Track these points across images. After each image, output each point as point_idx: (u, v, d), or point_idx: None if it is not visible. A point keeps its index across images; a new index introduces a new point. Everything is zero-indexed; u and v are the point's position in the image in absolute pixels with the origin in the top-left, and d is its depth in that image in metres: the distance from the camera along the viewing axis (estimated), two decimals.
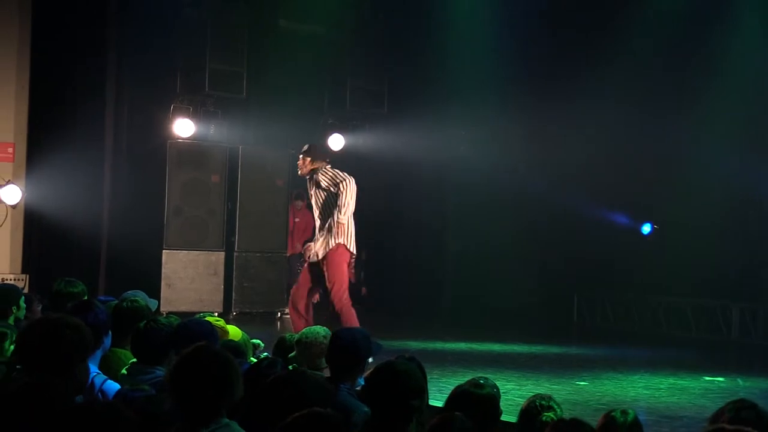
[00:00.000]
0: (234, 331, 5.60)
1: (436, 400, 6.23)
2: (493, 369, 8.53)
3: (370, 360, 5.27)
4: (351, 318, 9.49)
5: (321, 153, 10.25)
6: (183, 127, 14.75)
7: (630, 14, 14.53)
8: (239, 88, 15.11)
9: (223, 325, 5.47)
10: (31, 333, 4.05)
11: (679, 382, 9.53)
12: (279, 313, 15.25)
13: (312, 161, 9.97)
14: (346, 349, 5.00)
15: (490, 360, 8.72)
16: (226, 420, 3.62)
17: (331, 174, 9.89)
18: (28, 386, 3.45)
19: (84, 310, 5.24)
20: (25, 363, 4.02)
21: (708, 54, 14.03)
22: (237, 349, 5.32)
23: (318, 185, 9.93)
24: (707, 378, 9.82)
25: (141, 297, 6.14)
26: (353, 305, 17.26)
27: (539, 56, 15.57)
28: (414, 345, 11.63)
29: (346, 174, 9.92)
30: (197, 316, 6.13)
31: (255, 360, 5.31)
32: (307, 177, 10.07)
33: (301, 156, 10.09)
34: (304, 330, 5.48)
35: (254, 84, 15.27)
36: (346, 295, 9.79)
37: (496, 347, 12.04)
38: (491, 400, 4.27)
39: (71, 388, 3.85)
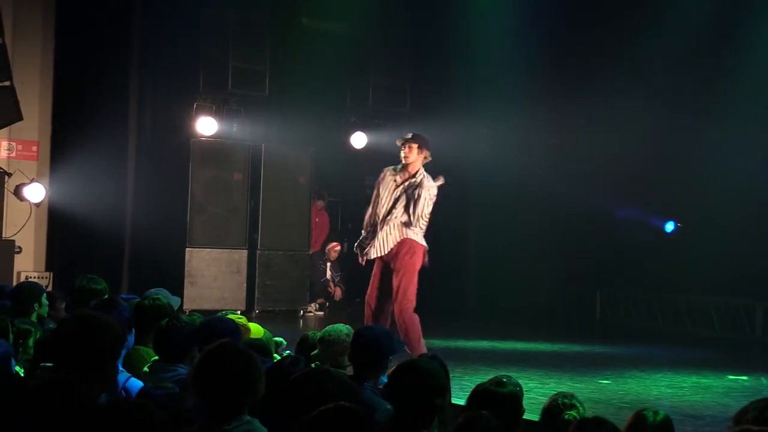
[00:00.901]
0: (256, 329, 5.61)
1: (459, 399, 6.23)
2: (516, 367, 8.52)
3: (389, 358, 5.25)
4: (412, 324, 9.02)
5: (427, 143, 9.44)
6: (206, 125, 14.80)
7: (655, 12, 14.45)
8: (262, 86, 15.15)
9: (245, 322, 5.48)
10: (65, 330, 4.03)
11: (702, 380, 9.47)
12: (302, 311, 15.29)
13: (419, 149, 9.29)
14: (368, 347, 5.00)
15: (513, 358, 8.70)
16: (248, 417, 3.63)
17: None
18: (56, 383, 3.46)
19: (108, 307, 5.27)
20: (57, 360, 4.01)
21: (732, 53, 13.94)
22: (262, 348, 5.34)
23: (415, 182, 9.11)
24: (731, 377, 9.76)
25: (163, 295, 6.16)
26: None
27: (562, 53, 15.52)
28: (437, 343, 11.60)
29: None
30: (220, 314, 6.15)
31: (278, 358, 5.32)
32: (402, 168, 9.27)
33: (406, 143, 9.32)
34: (326, 328, 5.49)
35: (276, 82, 15.31)
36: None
37: (519, 345, 12.01)
38: (513, 398, 4.26)
39: (100, 386, 3.86)
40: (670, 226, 15.87)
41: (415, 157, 9.25)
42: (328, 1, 15.78)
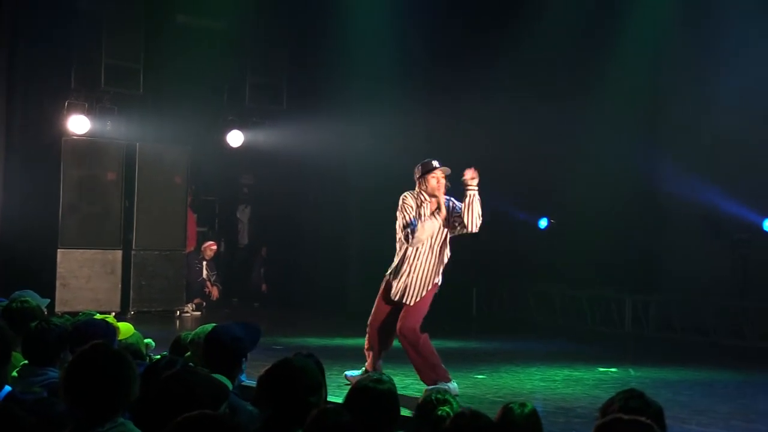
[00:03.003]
0: (126, 328, 5.52)
1: (335, 396, 6.25)
2: (392, 364, 8.57)
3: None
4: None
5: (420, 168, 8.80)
6: (78, 124, 14.52)
7: (528, 8, 14.72)
8: (136, 83, 14.92)
9: (112, 321, 5.39)
10: None
11: (574, 373, 9.71)
12: (178, 312, 15.12)
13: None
14: (223, 348, 4.90)
15: (389, 355, 8.75)
16: (122, 419, 3.57)
17: None
18: None
19: None
20: None
21: (605, 47, 14.28)
22: (135, 352, 5.27)
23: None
24: (601, 369, 10.03)
25: (31, 296, 6.01)
26: (254, 303, 17.29)
27: (438, 50, 15.69)
28: (314, 341, 11.63)
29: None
30: (81, 314, 6.01)
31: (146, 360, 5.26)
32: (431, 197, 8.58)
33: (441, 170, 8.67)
34: (197, 329, 5.42)
35: (151, 80, 15.08)
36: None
37: (397, 343, 12.07)
38: (392, 395, 4.28)
39: None
40: (543, 222, 16.18)
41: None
42: None
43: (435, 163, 8.50)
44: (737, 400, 8.51)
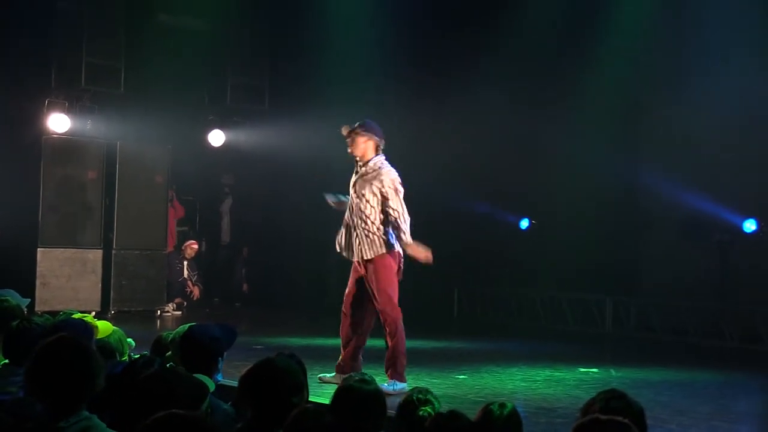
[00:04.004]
0: (105, 327, 5.49)
1: (317, 396, 6.25)
2: (375, 364, 8.56)
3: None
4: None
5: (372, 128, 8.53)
6: (58, 123, 14.46)
7: (509, 9, 14.75)
8: (116, 83, 14.87)
9: (91, 320, 5.36)
10: None
11: (555, 373, 9.73)
12: (159, 311, 15.07)
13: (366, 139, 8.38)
14: (198, 347, 4.88)
15: (371, 356, 8.74)
16: (87, 413, 3.56)
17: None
18: None
19: None
20: None
21: (584, 49, 14.31)
22: (113, 350, 5.24)
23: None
24: (582, 369, 10.05)
25: (11, 296, 5.97)
26: (236, 303, 17.25)
27: (418, 53, 15.70)
28: (295, 341, 11.62)
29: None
30: (61, 313, 5.98)
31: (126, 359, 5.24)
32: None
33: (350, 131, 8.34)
34: (178, 328, 5.40)
35: (132, 79, 15.03)
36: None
37: (380, 343, 12.07)
38: (378, 395, 4.28)
39: None
40: (524, 224, 16.21)
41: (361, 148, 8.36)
42: None
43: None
44: (718, 400, 8.54)
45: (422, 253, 8.20)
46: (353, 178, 8.39)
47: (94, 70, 14.58)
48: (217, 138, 16.59)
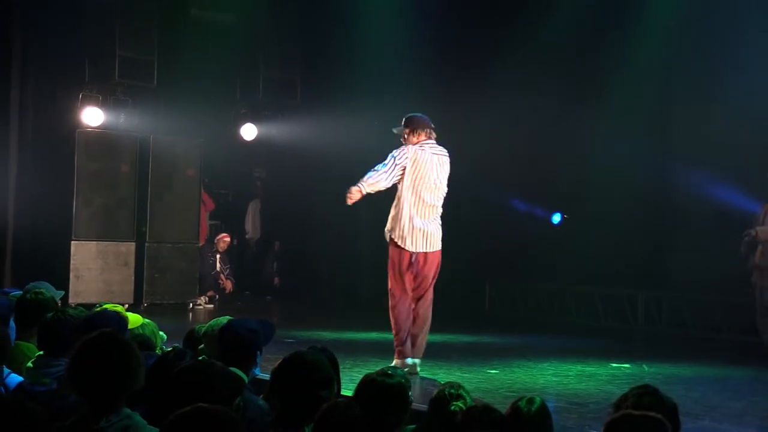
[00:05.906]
0: (135, 319, 5.53)
1: (349, 390, 6.25)
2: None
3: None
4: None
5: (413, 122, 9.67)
6: (92, 116, 14.54)
7: (541, 6, 14.69)
8: (149, 76, 14.93)
9: (121, 311, 5.40)
10: None
11: (587, 369, 9.68)
12: (191, 304, 15.14)
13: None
14: (237, 341, 4.90)
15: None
16: (128, 411, 3.56)
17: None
18: None
19: None
20: None
21: (618, 46, 14.23)
22: (145, 342, 5.28)
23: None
24: (614, 365, 10.00)
25: (45, 288, 6.02)
26: (267, 297, 17.31)
27: (451, 46, 15.65)
28: (327, 335, 11.64)
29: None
30: (97, 306, 6.02)
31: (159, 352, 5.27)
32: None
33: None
34: (211, 321, 5.43)
35: (165, 73, 15.10)
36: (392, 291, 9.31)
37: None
38: (401, 389, 4.28)
39: None
40: (557, 218, 16.15)
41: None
42: None
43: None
44: (750, 397, 8.48)
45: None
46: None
47: (127, 64, 14.65)
48: (249, 132, 16.62)
